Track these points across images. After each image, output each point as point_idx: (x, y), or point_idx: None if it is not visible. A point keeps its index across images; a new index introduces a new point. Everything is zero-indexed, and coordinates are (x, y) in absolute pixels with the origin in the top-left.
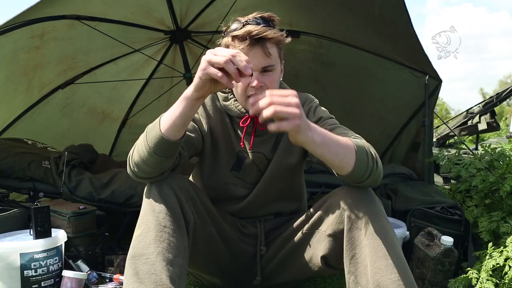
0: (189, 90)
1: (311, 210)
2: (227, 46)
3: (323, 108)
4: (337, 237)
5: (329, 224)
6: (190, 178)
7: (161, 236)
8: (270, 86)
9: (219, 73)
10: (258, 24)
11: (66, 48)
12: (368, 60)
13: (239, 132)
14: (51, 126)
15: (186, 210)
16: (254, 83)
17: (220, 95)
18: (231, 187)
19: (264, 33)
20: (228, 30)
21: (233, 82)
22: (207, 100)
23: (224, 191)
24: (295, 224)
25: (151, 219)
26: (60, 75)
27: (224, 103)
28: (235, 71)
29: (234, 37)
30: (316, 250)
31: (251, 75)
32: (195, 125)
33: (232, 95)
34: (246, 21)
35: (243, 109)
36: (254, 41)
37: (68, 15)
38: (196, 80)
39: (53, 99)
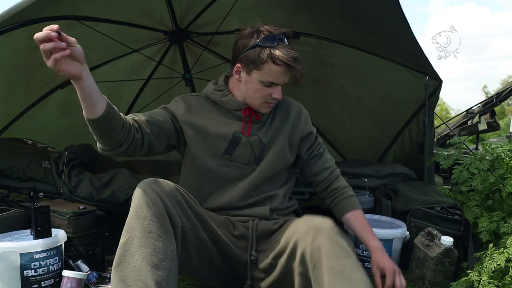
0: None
1: (288, 237)
2: (266, 57)
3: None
4: (306, 277)
5: (298, 263)
6: (180, 180)
7: (146, 241)
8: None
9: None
10: (288, 45)
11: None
12: (368, 60)
13: (234, 120)
14: (51, 126)
15: (172, 214)
16: (278, 95)
17: (215, 92)
18: (223, 168)
19: (302, 65)
20: (274, 40)
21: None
22: (192, 99)
23: (218, 175)
24: (280, 245)
25: (136, 226)
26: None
27: (222, 99)
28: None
29: (280, 58)
30: (295, 285)
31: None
32: (167, 113)
33: (227, 92)
34: (280, 38)
35: (241, 102)
36: (290, 67)
37: (67, 15)
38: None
39: (52, 99)
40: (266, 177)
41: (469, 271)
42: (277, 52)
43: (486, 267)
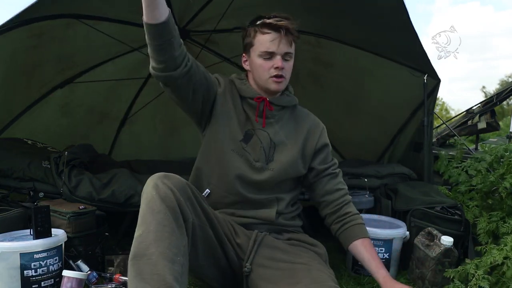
0: None
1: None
2: (254, 33)
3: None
4: None
5: None
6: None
7: (161, 235)
8: (287, 71)
9: None
10: (285, 19)
11: (65, 47)
12: (367, 59)
13: (250, 113)
14: (50, 126)
15: (184, 209)
16: (279, 64)
17: (236, 80)
18: (235, 156)
19: (293, 26)
20: (261, 19)
21: (256, 73)
22: (226, 80)
23: (230, 160)
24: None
25: (151, 220)
26: (59, 74)
27: (240, 86)
28: None
29: (264, 24)
30: None
31: None
32: (213, 78)
33: (246, 81)
34: (275, 15)
35: (256, 91)
36: (278, 30)
37: (66, 14)
38: None
39: (52, 98)
40: (276, 182)
41: (467, 261)
42: (262, 23)
43: (484, 261)
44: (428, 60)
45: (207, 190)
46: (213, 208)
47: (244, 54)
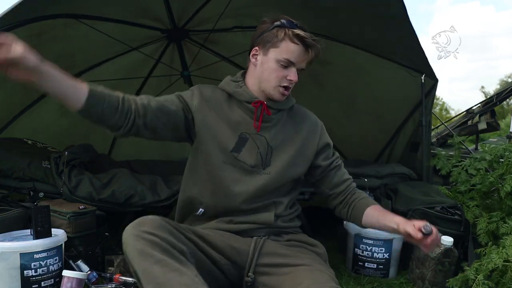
0: None
1: None
2: (283, 36)
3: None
4: None
5: None
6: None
7: (174, 282)
8: (294, 84)
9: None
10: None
11: (64, 47)
12: (365, 58)
13: (245, 116)
14: (50, 126)
15: (175, 244)
16: (293, 77)
17: (231, 83)
18: (229, 167)
19: (319, 46)
20: (290, 21)
21: (266, 75)
22: (208, 90)
23: (223, 173)
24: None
25: (156, 273)
26: None
27: (236, 89)
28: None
29: (298, 36)
30: None
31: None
32: (180, 104)
33: (242, 83)
34: (298, 25)
35: (254, 95)
36: (307, 48)
37: (65, 13)
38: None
39: (52, 98)
40: (275, 187)
41: (467, 268)
42: (296, 31)
43: (484, 265)
44: (426, 59)
45: (201, 209)
46: (210, 219)
47: (257, 48)
